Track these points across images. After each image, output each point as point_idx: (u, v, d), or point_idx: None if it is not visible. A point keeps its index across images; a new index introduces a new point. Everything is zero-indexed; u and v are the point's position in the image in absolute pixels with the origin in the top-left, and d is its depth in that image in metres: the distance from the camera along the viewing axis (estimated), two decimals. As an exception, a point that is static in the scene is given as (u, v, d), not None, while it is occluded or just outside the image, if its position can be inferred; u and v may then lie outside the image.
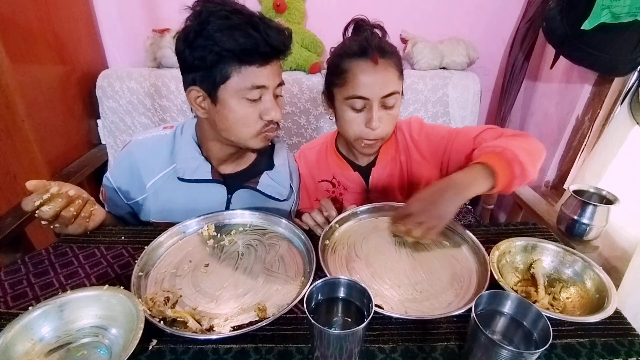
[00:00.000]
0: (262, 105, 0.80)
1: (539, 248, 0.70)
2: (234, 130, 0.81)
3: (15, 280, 0.68)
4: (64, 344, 0.55)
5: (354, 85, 0.81)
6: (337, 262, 0.72)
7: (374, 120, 0.81)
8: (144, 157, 0.89)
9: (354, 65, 0.81)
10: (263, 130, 0.82)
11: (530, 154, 0.75)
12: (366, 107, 0.82)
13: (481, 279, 0.66)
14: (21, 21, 1.21)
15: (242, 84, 0.76)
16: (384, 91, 0.80)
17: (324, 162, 1.00)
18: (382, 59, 0.80)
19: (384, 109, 0.83)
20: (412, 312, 0.61)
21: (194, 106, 0.82)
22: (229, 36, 0.73)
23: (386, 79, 0.81)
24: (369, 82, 0.80)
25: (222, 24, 0.73)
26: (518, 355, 0.46)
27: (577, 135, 1.42)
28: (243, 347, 0.56)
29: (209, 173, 0.88)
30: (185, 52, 0.76)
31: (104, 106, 1.56)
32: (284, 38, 0.78)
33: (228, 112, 0.79)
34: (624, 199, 0.93)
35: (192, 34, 0.74)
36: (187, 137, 0.90)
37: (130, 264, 0.71)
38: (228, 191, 0.91)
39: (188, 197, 0.90)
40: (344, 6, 1.61)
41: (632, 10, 1.01)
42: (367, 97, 0.80)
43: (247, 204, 0.92)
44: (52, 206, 0.71)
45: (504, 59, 1.74)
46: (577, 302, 0.63)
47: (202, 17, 0.73)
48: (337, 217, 0.80)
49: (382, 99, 0.81)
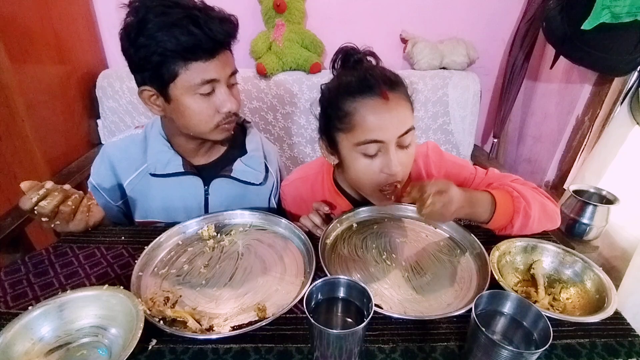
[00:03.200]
0: (216, 99, 0.79)
1: (539, 249, 0.70)
2: (192, 125, 0.81)
3: (15, 280, 0.68)
4: (64, 344, 0.55)
5: (365, 129, 0.69)
6: (338, 261, 0.72)
7: (393, 164, 0.69)
8: (119, 158, 0.90)
9: (361, 105, 0.69)
10: (221, 123, 0.81)
11: (544, 217, 0.74)
12: (381, 151, 0.71)
13: (481, 279, 0.66)
14: (21, 21, 1.21)
15: (190, 80, 0.75)
16: (401, 130, 0.69)
17: (320, 196, 0.90)
18: (391, 92, 0.69)
19: (401, 149, 0.72)
20: (411, 312, 0.61)
21: (148, 105, 0.81)
22: (170, 35, 0.71)
23: (401, 116, 0.70)
24: (382, 123, 0.68)
25: (161, 21, 0.71)
26: (518, 356, 0.46)
27: (577, 135, 1.42)
28: (243, 347, 0.56)
29: (180, 166, 0.88)
30: (129, 51, 0.75)
31: (104, 106, 1.56)
32: (228, 28, 0.76)
33: (183, 109, 0.78)
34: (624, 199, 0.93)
35: (133, 32, 0.72)
36: (155, 133, 0.90)
37: (130, 264, 0.71)
38: (204, 182, 0.91)
39: (163, 193, 0.90)
40: (344, 6, 1.61)
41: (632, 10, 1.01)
42: (382, 140, 0.69)
43: (225, 193, 0.92)
44: (49, 200, 0.71)
45: (504, 59, 1.74)
46: (577, 303, 0.63)
47: (140, 13, 0.72)
48: (338, 217, 0.80)
49: (398, 139, 0.70)
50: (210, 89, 0.77)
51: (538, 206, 0.73)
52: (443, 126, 1.67)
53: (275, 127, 1.68)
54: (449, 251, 0.75)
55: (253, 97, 1.61)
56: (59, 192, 0.72)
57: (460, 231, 0.77)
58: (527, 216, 0.72)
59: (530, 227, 0.73)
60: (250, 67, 1.60)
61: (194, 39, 0.72)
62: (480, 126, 1.90)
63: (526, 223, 0.72)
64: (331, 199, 0.88)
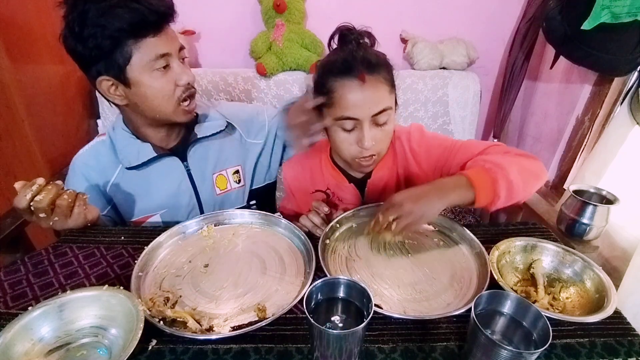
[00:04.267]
0: (173, 72, 0.82)
1: (538, 248, 0.70)
2: (157, 105, 0.83)
3: (15, 280, 0.68)
4: (64, 344, 0.55)
5: (342, 106, 0.77)
6: (337, 261, 0.72)
7: (365, 139, 0.77)
8: (91, 167, 0.91)
9: (340, 85, 0.76)
10: (183, 97, 0.84)
11: (527, 176, 0.73)
12: (357, 127, 0.79)
13: (481, 279, 0.66)
14: (21, 21, 1.21)
15: (145, 57, 0.77)
16: (374, 109, 0.76)
17: (319, 172, 0.97)
18: (370, 75, 0.75)
19: (376, 127, 0.79)
20: (411, 312, 0.61)
21: (109, 96, 0.82)
22: (114, 16, 0.73)
23: (375, 97, 0.76)
24: (357, 102, 0.76)
25: (102, 7, 0.72)
26: (518, 355, 0.46)
27: (577, 135, 1.42)
28: (243, 347, 0.56)
29: (152, 151, 0.90)
30: (77, 47, 0.76)
31: (104, 106, 1.56)
32: (166, 1, 0.78)
33: (145, 90, 0.80)
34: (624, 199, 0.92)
35: (76, 26, 0.73)
36: (119, 130, 0.91)
37: (130, 264, 0.71)
38: (181, 159, 0.94)
39: (147, 183, 0.91)
40: (344, 6, 1.61)
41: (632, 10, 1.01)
42: (356, 118, 0.77)
43: (203, 157, 0.96)
44: (45, 194, 0.71)
45: (504, 59, 1.74)
46: (577, 302, 0.63)
47: (78, 7, 0.73)
48: (337, 217, 0.80)
49: (372, 117, 0.77)
50: (164, 62, 0.80)
51: (516, 168, 0.72)
52: (443, 126, 1.67)
53: (275, 127, 1.68)
54: (448, 251, 0.75)
55: (253, 97, 1.61)
56: (53, 186, 0.73)
57: (459, 230, 0.77)
58: (508, 181, 0.70)
59: (518, 192, 0.72)
60: (250, 67, 1.60)
61: (139, 15, 0.74)
62: (480, 126, 1.90)
63: (511, 188, 0.70)
64: (328, 174, 0.95)
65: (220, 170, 0.99)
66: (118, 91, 0.81)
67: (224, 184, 1.00)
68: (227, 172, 1.00)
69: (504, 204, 0.72)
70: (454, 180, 0.72)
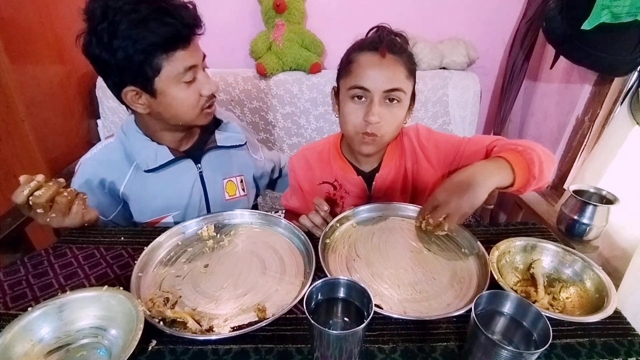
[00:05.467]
0: (198, 83, 0.83)
1: (538, 248, 0.70)
2: (181, 114, 0.85)
3: (15, 281, 0.68)
4: (64, 345, 0.55)
5: (357, 75, 0.79)
6: (338, 261, 0.72)
7: (373, 113, 0.78)
8: (104, 170, 0.90)
9: (361, 56, 0.79)
10: (205, 106, 0.87)
11: (545, 160, 0.75)
12: (366, 99, 0.80)
13: (481, 279, 0.66)
14: (21, 21, 1.21)
15: (175, 70, 0.78)
16: (387, 85, 0.77)
17: (327, 163, 0.97)
18: (390, 54, 0.78)
19: (387, 106, 0.80)
20: (411, 312, 0.61)
21: (133, 105, 0.83)
22: (147, 30, 0.73)
23: (391, 73, 0.78)
24: (372, 74, 0.77)
25: (133, 19, 0.72)
26: (518, 356, 0.46)
27: (577, 135, 1.42)
28: (243, 347, 0.56)
29: (169, 154, 0.91)
30: (102, 56, 0.75)
31: (104, 106, 1.56)
32: (193, 13, 0.79)
33: (171, 100, 0.81)
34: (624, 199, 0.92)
35: (105, 36, 0.73)
36: (133, 133, 0.91)
37: (130, 264, 0.71)
38: (195, 162, 0.95)
39: (162, 185, 0.92)
40: (344, 6, 1.61)
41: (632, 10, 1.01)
42: (368, 89, 0.78)
43: (217, 163, 0.98)
44: (45, 190, 0.71)
45: (504, 59, 1.74)
46: (577, 302, 0.63)
47: (108, 17, 0.73)
48: (338, 217, 0.80)
49: (384, 93, 0.78)
50: (192, 74, 0.81)
51: (540, 150, 0.76)
52: (443, 126, 1.67)
53: (275, 127, 1.68)
54: (449, 251, 0.75)
55: (253, 97, 1.61)
56: (54, 183, 0.73)
57: (460, 231, 0.77)
58: (540, 162, 0.73)
59: (546, 173, 0.74)
60: (250, 67, 1.60)
61: (172, 29, 0.75)
62: (480, 126, 1.90)
63: (542, 169, 0.73)
64: (336, 165, 0.96)
65: (230, 177, 1.01)
66: (142, 100, 0.82)
67: (233, 190, 1.02)
68: (236, 179, 1.03)
69: (535, 185, 0.74)
70: (494, 163, 0.73)
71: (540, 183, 0.74)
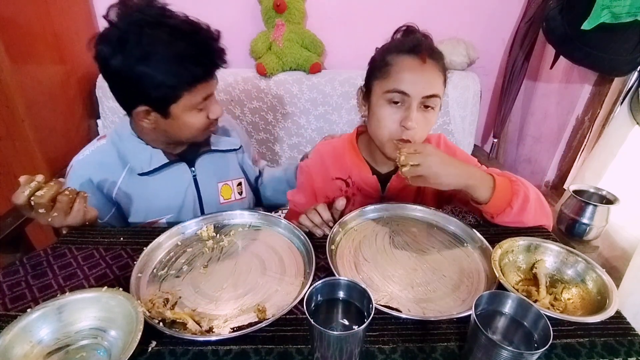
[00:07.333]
0: (207, 109, 0.86)
1: (541, 248, 0.70)
2: (186, 134, 0.87)
3: (14, 282, 0.68)
4: (63, 346, 0.54)
5: (397, 79, 0.77)
6: (347, 265, 0.71)
7: (411, 118, 0.77)
8: (96, 172, 0.90)
9: (401, 60, 0.78)
10: (209, 127, 0.90)
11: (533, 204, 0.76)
12: (404, 104, 0.78)
13: (486, 280, 0.66)
14: (21, 21, 1.21)
15: (194, 100, 0.81)
16: (427, 91, 0.77)
17: (342, 159, 0.96)
18: (430, 59, 0.78)
19: (422, 112, 0.79)
20: (412, 312, 0.61)
21: (140, 120, 0.84)
22: (182, 67, 0.75)
23: (431, 79, 0.78)
24: (413, 79, 0.77)
25: (170, 54, 0.74)
26: (518, 356, 0.45)
27: (577, 135, 1.42)
28: (243, 348, 0.56)
29: (163, 157, 0.92)
30: (124, 74, 0.76)
31: (104, 106, 1.56)
32: (219, 43, 0.82)
33: (182, 124, 0.84)
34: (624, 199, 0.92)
35: (133, 59, 0.73)
36: (127, 137, 0.91)
37: (130, 265, 0.71)
38: (189, 165, 0.96)
39: (156, 187, 0.92)
40: (344, 6, 1.61)
41: (632, 10, 1.01)
42: (408, 93, 0.77)
43: (210, 166, 0.99)
44: (46, 190, 0.71)
45: (504, 59, 1.74)
46: (579, 303, 0.63)
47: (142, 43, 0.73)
48: (342, 219, 0.79)
49: (422, 99, 0.77)
50: (207, 103, 0.84)
51: (535, 195, 0.77)
52: (443, 126, 1.67)
53: (275, 127, 1.68)
54: (453, 251, 0.74)
55: (253, 97, 1.61)
56: (55, 182, 0.73)
57: (466, 230, 0.77)
58: (526, 200, 0.74)
59: (527, 213, 0.75)
60: (250, 67, 1.60)
61: (204, 69, 0.79)
62: (480, 126, 1.90)
63: (524, 207, 0.74)
64: (352, 162, 0.94)
65: (226, 181, 1.02)
66: (151, 116, 0.82)
67: (228, 194, 1.03)
68: (232, 182, 1.03)
69: (512, 219, 0.75)
70: (482, 175, 0.75)
71: (519, 218, 0.76)
